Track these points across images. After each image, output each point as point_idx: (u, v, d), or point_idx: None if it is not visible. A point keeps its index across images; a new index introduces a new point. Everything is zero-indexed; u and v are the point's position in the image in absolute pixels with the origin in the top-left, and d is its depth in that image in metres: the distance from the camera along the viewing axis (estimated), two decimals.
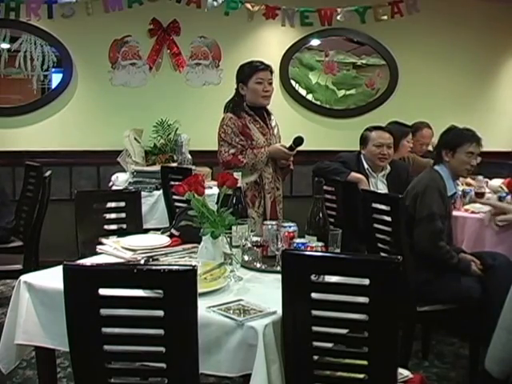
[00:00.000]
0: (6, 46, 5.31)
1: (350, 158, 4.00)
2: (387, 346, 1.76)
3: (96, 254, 2.53)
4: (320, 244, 2.28)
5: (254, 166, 3.39)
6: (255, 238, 2.42)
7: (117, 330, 1.75)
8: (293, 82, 5.76)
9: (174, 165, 4.91)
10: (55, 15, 5.06)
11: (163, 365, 1.74)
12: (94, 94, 5.46)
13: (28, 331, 2.11)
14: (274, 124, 3.54)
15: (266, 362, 1.73)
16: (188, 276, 1.68)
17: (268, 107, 3.53)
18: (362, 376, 1.80)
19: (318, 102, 5.84)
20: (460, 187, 3.94)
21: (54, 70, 5.41)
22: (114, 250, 2.47)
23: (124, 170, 4.96)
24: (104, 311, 1.72)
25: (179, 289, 1.69)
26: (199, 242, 2.31)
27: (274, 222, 2.50)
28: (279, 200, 3.53)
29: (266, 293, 2.05)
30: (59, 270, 1.76)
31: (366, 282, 1.72)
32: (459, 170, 3.24)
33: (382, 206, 3.11)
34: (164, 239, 2.54)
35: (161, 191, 4.30)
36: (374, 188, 3.87)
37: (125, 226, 3.03)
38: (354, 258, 1.85)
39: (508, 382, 1.98)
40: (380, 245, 3.12)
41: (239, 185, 2.49)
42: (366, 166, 3.93)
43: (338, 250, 2.29)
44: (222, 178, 2.41)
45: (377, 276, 1.72)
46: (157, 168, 4.54)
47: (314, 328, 1.78)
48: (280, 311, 1.82)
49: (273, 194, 3.47)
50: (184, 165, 4.92)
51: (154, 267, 1.91)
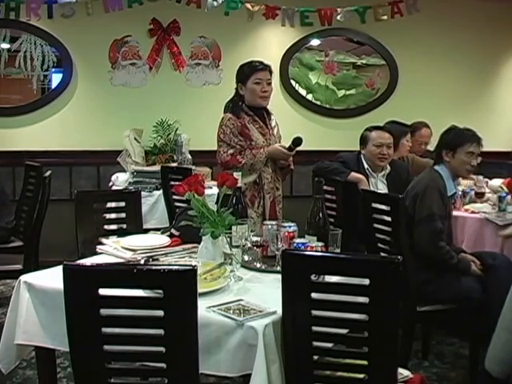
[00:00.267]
0: (5, 45, 5.32)
1: (349, 157, 3.99)
2: (387, 346, 1.76)
3: (96, 253, 2.53)
4: (320, 244, 2.28)
5: (253, 166, 3.37)
6: (255, 238, 2.42)
7: (117, 330, 1.75)
8: (293, 82, 5.76)
9: (174, 165, 4.91)
10: (55, 15, 5.06)
11: (163, 365, 1.74)
12: (93, 94, 5.46)
13: (28, 331, 2.11)
14: (273, 124, 3.52)
15: (265, 361, 1.73)
16: (188, 276, 1.68)
17: (268, 107, 3.52)
18: (361, 376, 1.80)
19: (318, 102, 5.84)
20: (460, 187, 3.94)
21: (54, 70, 5.41)
22: (113, 250, 2.47)
23: (124, 170, 4.97)
24: (104, 311, 1.72)
25: (179, 289, 1.69)
26: (199, 242, 2.31)
27: (274, 222, 2.50)
28: (279, 200, 3.51)
29: (265, 293, 2.05)
30: (59, 270, 1.76)
31: (366, 282, 1.72)
32: (459, 170, 3.23)
33: (382, 206, 3.11)
34: (164, 239, 2.54)
35: (161, 191, 4.30)
36: (373, 188, 3.86)
37: (125, 226, 3.03)
38: (354, 258, 1.85)
39: (508, 382, 1.98)
40: (380, 245, 3.12)
41: (239, 185, 2.49)
42: (365, 166, 3.93)
43: (338, 250, 2.29)
44: (221, 178, 2.41)
45: (377, 276, 1.72)
46: (157, 168, 4.54)
47: (314, 328, 1.78)
48: (280, 311, 1.82)
49: (272, 194, 3.45)
50: (184, 165, 4.93)
51: (154, 267, 1.91)
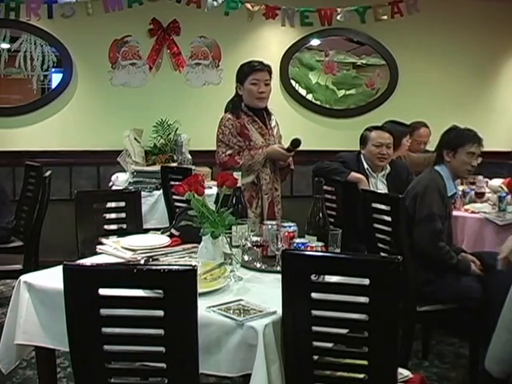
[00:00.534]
0: (5, 45, 5.32)
1: (349, 157, 3.99)
2: (387, 346, 1.76)
3: (96, 253, 2.53)
4: (320, 244, 2.28)
5: (251, 167, 3.36)
6: (255, 238, 2.42)
7: (117, 330, 1.75)
8: (293, 82, 5.76)
9: (174, 165, 4.91)
10: (55, 15, 5.07)
11: (163, 365, 1.74)
12: (93, 94, 5.46)
13: (28, 331, 2.11)
14: (273, 124, 3.51)
15: (265, 361, 1.73)
16: (188, 276, 1.68)
17: (268, 107, 3.51)
18: (362, 376, 1.80)
19: (318, 102, 5.83)
20: (460, 187, 3.94)
21: (54, 70, 5.41)
22: (113, 250, 2.47)
23: (124, 170, 4.97)
24: (104, 311, 1.72)
25: (179, 289, 1.69)
26: (199, 242, 2.31)
27: (274, 222, 2.50)
28: (277, 201, 3.50)
29: (266, 293, 2.05)
30: (59, 270, 1.76)
31: (366, 281, 1.72)
32: (460, 170, 3.23)
33: (382, 206, 3.11)
34: (164, 239, 2.54)
35: (161, 191, 4.30)
36: (373, 188, 3.86)
37: (125, 226, 3.02)
38: (354, 258, 1.85)
39: (508, 382, 1.98)
40: (380, 245, 3.12)
41: (239, 185, 2.49)
42: (365, 166, 3.93)
43: (338, 250, 2.29)
44: (221, 178, 2.41)
45: (377, 276, 1.72)
46: (157, 168, 4.54)
47: (314, 328, 1.78)
48: (280, 311, 1.82)
49: (270, 194, 3.44)
50: (184, 165, 4.93)
51: (154, 267, 1.91)
